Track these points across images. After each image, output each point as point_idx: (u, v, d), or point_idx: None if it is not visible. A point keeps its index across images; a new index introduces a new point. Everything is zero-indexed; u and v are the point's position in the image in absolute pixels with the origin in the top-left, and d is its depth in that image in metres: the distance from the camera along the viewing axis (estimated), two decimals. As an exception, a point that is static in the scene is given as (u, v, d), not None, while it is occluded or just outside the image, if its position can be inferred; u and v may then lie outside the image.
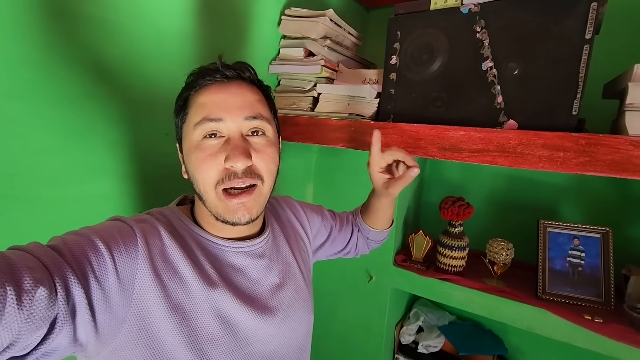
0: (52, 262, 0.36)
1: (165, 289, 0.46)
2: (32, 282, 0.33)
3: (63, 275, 0.36)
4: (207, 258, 0.51)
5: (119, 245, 0.43)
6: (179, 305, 0.46)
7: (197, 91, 0.51)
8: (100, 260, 0.41)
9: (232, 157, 0.47)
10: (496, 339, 1.23)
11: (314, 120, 0.94)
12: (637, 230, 1.02)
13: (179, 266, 0.48)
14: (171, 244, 0.48)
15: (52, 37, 0.59)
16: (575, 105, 0.65)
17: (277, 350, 0.54)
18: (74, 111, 0.64)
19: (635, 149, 0.57)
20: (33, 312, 0.32)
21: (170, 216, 0.53)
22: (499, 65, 0.73)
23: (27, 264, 0.34)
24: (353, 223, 0.82)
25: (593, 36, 0.64)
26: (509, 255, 0.98)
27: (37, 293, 0.33)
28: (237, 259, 0.54)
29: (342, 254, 0.82)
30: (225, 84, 0.51)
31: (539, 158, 0.66)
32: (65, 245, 0.40)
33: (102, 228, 0.45)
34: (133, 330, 0.43)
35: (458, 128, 0.74)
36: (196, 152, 0.49)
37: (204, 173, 0.48)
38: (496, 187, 1.24)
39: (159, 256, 0.47)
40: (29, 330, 0.32)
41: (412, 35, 0.83)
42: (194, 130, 0.49)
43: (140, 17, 0.72)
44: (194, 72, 0.53)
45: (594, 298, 0.92)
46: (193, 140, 0.49)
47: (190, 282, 0.47)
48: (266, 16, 1.01)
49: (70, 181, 0.64)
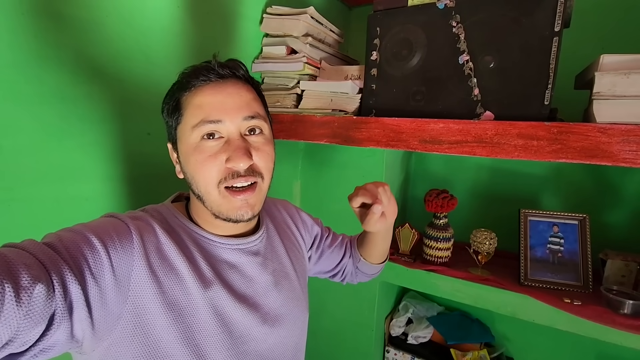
0: (49, 259, 0.36)
1: (161, 285, 0.46)
2: (29, 279, 0.33)
3: (60, 272, 0.37)
4: (202, 255, 0.51)
5: (114, 242, 0.43)
6: (174, 302, 0.46)
7: (191, 92, 0.50)
8: (96, 257, 0.41)
9: (235, 158, 0.48)
10: (483, 327, 1.26)
11: (298, 117, 0.95)
12: (612, 216, 1.06)
13: (175, 263, 0.48)
14: (166, 240, 0.48)
15: (28, 37, 0.59)
16: (547, 95, 0.68)
17: (272, 349, 0.55)
18: (51, 111, 0.63)
19: (603, 135, 0.60)
20: (32, 309, 0.32)
21: (165, 213, 0.53)
22: (474, 58, 0.75)
23: (24, 261, 0.34)
24: (347, 246, 0.81)
25: (562, 29, 0.66)
26: (492, 244, 1.00)
27: (35, 290, 0.33)
28: (232, 255, 0.54)
29: (329, 274, 0.83)
30: (220, 84, 0.50)
31: (515, 147, 0.68)
32: (61, 242, 0.40)
33: (97, 225, 0.45)
34: (128, 326, 0.43)
35: (437, 121, 0.75)
36: (195, 154, 0.49)
37: (206, 174, 0.48)
38: (479, 179, 1.27)
39: (155, 253, 0.47)
40: (27, 326, 0.32)
41: (392, 31, 0.85)
42: (192, 132, 0.48)
43: (118, 16, 0.71)
44: (186, 71, 0.52)
45: (573, 282, 0.95)
46: (191, 142, 0.49)
47: (186, 279, 0.48)
48: (248, 15, 1.02)
49: (49, 182, 0.64)
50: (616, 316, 0.81)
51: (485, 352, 1.15)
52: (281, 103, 1.01)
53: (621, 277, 0.92)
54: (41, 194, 0.63)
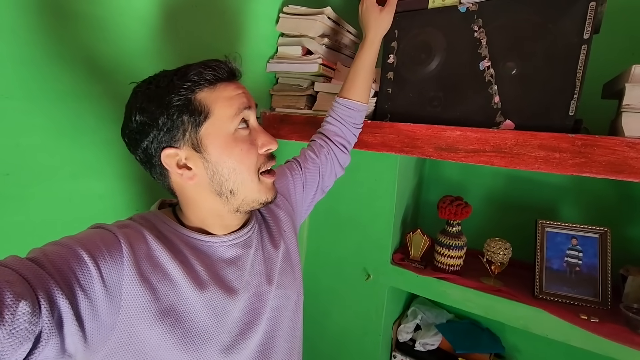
0: (33, 275, 0.36)
1: (155, 292, 0.45)
2: (12, 297, 0.32)
3: (46, 288, 0.36)
4: (196, 257, 0.51)
5: (102, 253, 0.43)
6: (170, 308, 0.46)
7: (214, 88, 0.50)
8: (85, 269, 0.40)
9: (270, 142, 0.53)
10: (493, 337, 1.23)
11: (311, 119, 0.94)
12: (635, 231, 1.02)
13: (168, 268, 0.47)
14: (157, 246, 0.48)
15: (43, 35, 0.59)
16: (572, 105, 0.65)
17: (271, 335, 0.56)
18: (66, 109, 0.64)
19: (631, 150, 0.57)
20: (15, 327, 0.32)
21: (154, 220, 0.53)
22: (496, 64, 0.72)
23: (6, 278, 0.33)
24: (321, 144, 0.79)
25: (591, 36, 0.63)
26: (507, 254, 0.97)
27: (19, 308, 0.32)
28: (229, 252, 0.54)
29: (321, 185, 0.79)
30: (234, 81, 0.54)
31: (535, 159, 0.65)
32: (46, 256, 0.39)
33: (84, 237, 0.44)
34: (123, 336, 0.43)
35: (455, 128, 0.73)
36: (239, 143, 0.51)
37: (250, 162, 0.52)
38: (495, 186, 1.24)
39: (146, 260, 0.46)
40: (12, 345, 0.32)
41: (410, 34, 0.82)
42: (232, 122, 0.50)
43: (132, 14, 0.71)
44: (191, 73, 0.49)
45: (591, 298, 0.91)
46: (230, 133, 0.51)
47: (181, 283, 0.47)
48: (264, 13, 1.01)
49: (63, 179, 0.65)
50: (635, 336, 0.77)
51: (494, 363, 1.13)
52: (295, 104, 1.01)
53: (642, 295, 0.88)
54: (56, 191, 0.64)
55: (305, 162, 0.76)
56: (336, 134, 0.79)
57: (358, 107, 0.79)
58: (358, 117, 0.80)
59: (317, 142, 0.78)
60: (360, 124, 0.82)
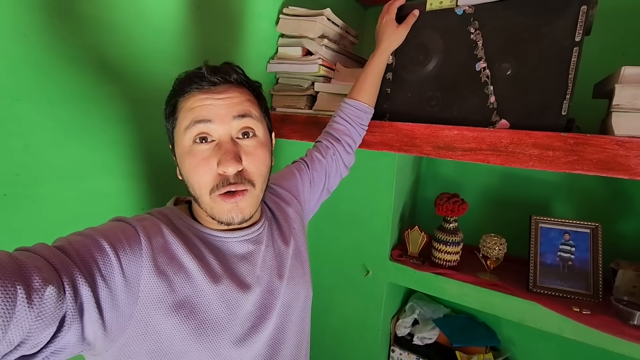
0: (60, 262, 0.37)
1: (171, 284, 0.47)
2: (41, 281, 0.34)
3: (70, 275, 0.37)
4: (210, 251, 0.53)
5: (123, 245, 0.44)
6: (185, 299, 0.47)
7: (184, 97, 0.51)
8: (106, 259, 0.42)
9: (224, 161, 0.48)
10: (489, 331, 1.26)
11: (312, 119, 0.96)
12: (625, 226, 1.05)
13: (184, 261, 0.49)
14: (174, 240, 0.50)
15: (53, 37, 0.61)
16: (564, 105, 0.67)
17: (281, 329, 0.57)
18: (74, 111, 0.65)
19: (621, 148, 0.60)
20: (43, 310, 0.33)
21: (170, 215, 0.55)
22: (492, 65, 0.75)
23: (36, 264, 0.35)
24: (327, 145, 0.79)
25: (583, 38, 0.66)
26: (502, 250, 1.00)
27: (47, 292, 0.34)
28: (241, 247, 0.55)
29: (327, 185, 0.81)
30: (212, 90, 0.51)
31: (530, 157, 0.68)
32: (71, 245, 0.41)
33: (106, 228, 0.46)
34: (140, 325, 0.44)
35: (452, 127, 0.76)
36: (189, 157, 0.50)
37: (199, 178, 0.49)
38: (490, 183, 1.27)
39: (163, 253, 0.48)
40: (39, 328, 0.33)
41: (408, 36, 0.84)
42: (185, 134, 0.50)
43: (138, 17, 0.73)
44: (180, 77, 0.53)
45: (583, 291, 0.94)
46: (185, 145, 0.50)
47: (196, 276, 0.49)
48: (264, 14, 1.03)
49: (71, 178, 0.66)
50: (625, 327, 0.80)
51: (490, 356, 1.16)
52: (296, 104, 1.02)
53: (632, 288, 0.92)
54: (64, 190, 0.65)
55: (312, 163, 0.77)
56: (344, 133, 0.81)
57: (365, 109, 0.82)
58: (365, 118, 0.83)
59: (323, 143, 0.80)
60: (366, 125, 0.85)
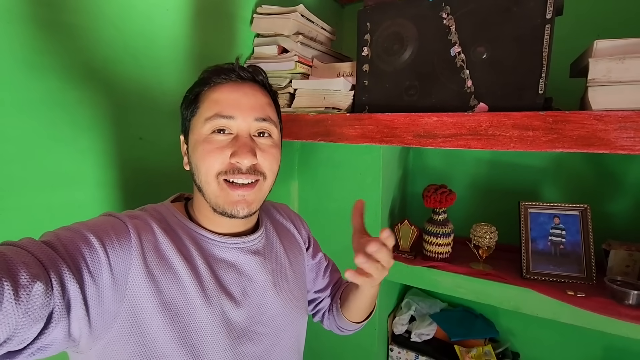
0: (47, 258, 0.37)
1: (158, 285, 0.46)
2: (28, 277, 0.33)
3: (58, 271, 0.37)
4: (200, 253, 0.51)
5: (112, 241, 0.44)
6: (171, 302, 0.46)
7: (211, 87, 0.52)
8: (94, 256, 0.41)
9: (240, 153, 0.49)
10: (487, 322, 1.24)
11: (291, 117, 0.94)
12: (615, 206, 1.05)
13: (173, 262, 0.48)
14: (164, 240, 0.49)
15: (14, 44, 0.58)
16: (541, 84, 0.67)
17: (269, 350, 0.54)
18: (41, 118, 0.63)
19: (599, 122, 0.59)
20: (30, 307, 0.33)
21: (164, 212, 0.54)
22: (466, 50, 0.74)
23: (23, 259, 0.34)
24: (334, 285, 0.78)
25: (554, 16, 0.65)
26: (493, 238, 0.99)
27: (34, 288, 0.33)
28: (230, 254, 0.54)
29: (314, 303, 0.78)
30: (239, 84, 0.53)
31: (510, 138, 0.67)
32: (59, 240, 0.40)
33: (95, 224, 0.45)
34: (125, 325, 0.43)
35: (431, 114, 0.75)
36: (204, 144, 0.50)
37: (209, 163, 0.50)
38: (478, 173, 1.26)
39: (153, 252, 0.47)
40: (26, 324, 0.33)
41: (382, 26, 0.84)
42: (204, 124, 0.50)
43: (106, 21, 0.71)
44: (209, 69, 0.54)
45: (577, 274, 0.93)
46: (202, 133, 0.51)
47: (184, 278, 0.48)
48: (239, 15, 1.01)
49: (40, 189, 0.63)
50: (621, 307, 0.79)
51: (489, 348, 1.14)
52: (274, 103, 1.01)
53: (625, 268, 0.91)
54: (33, 202, 0.62)
55: (326, 268, 0.76)
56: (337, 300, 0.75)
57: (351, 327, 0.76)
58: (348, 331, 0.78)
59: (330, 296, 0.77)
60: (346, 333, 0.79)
